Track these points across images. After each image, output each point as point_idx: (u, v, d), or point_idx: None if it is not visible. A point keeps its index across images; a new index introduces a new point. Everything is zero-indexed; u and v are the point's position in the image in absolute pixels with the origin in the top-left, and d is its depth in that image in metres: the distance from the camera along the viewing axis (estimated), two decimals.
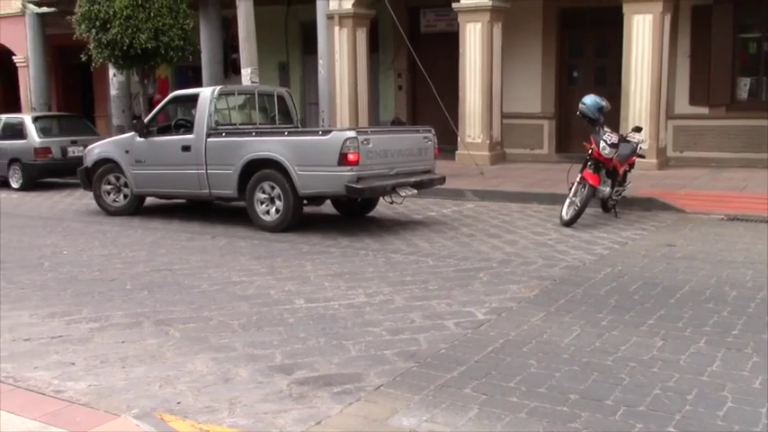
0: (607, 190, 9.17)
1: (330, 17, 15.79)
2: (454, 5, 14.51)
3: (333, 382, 4.15)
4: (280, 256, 7.68)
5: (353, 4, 15.66)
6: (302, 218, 9.30)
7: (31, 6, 19.53)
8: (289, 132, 9.45)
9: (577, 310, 5.46)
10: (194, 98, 10.06)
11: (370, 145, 8.64)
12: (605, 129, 9.09)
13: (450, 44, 15.27)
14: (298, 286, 6.37)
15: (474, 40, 14.34)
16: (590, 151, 9.03)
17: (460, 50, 14.51)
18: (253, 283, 6.54)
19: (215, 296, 6.10)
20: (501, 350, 4.61)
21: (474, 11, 14.28)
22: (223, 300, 5.98)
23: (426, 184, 9.57)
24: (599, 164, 8.97)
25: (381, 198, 9.75)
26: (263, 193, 9.18)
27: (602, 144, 8.83)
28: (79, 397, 3.86)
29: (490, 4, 14.14)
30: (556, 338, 4.81)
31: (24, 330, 5.26)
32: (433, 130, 9.80)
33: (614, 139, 8.94)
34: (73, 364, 4.55)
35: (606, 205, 9.58)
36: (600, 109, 9.18)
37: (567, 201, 9.04)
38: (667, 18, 12.94)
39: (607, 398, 3.85)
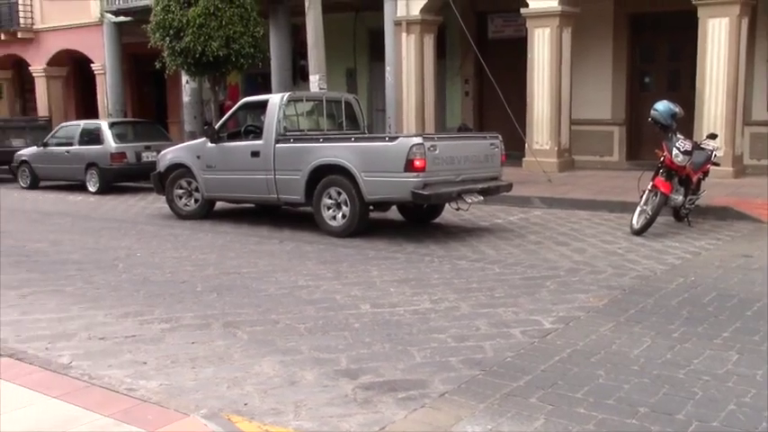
0: (680, 198, 8.94)
1: (398, 24, 15.86)
2: (522, 11, 14.39)
3: (397, 388, 4.15)
4: (346, 261, 7.73)
5: (421, 11, 15.68)
6: (368, 223, 9.34)
7: (109, 16, 20.20)
8: (356, 138, 9.52)
9: (648, 320, 5.33)
10: (264, 104, 10.22)
11: (437, 151, 8.62)
12: (678, 135, 8.85)
13: (517, 50, 15.13)
14: (363, 291, 6.40)
15: (542, 46, 14.18)
16: (662, 159, 8.82)
17: (528, 56, 14.37)
18: (319, 287, 6.60)
19: (282, 300, 6.18)
20: (568, 360, 4.54)
21: (543, 16, 14.13)
22: (290, 303, 6.05)
23: (493, 191, 9.50)
24: (671, 171, 8.75)
25: (447, 204, 9.71)
26: (330, 198, 9.26)
27: (674, 151, 8.62)
28: (150, 395, 3.94)
29: (559, 9, 13.97)
30: (625, 349, 4.71)
31: (99, 329, 5.43)
32: (500, 137, 9.73)
33: (688, 146, 8.71)
34: (145, 363, 4.68)
35: (679, 214, 9.33)
36: (673, 115, 8.96)
37: (638, 209, 8.84)
38: (744, 22, 12.55)
39: (679, 412, 3.74)
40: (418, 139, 8.61)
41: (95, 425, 3.54)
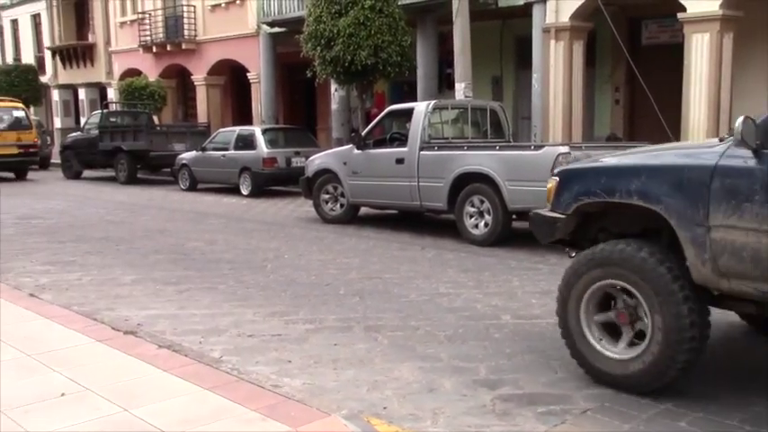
0: None
1: (546, 31, 15.57)
2: (679, 15, 13.73)
3: (538, 402, 4.07)
4: (487, 271, 7.67)
5: (571, 17, 15.32)
6: (511, 233, 9.23)
7: (265, 27, 21.12)
8: (500, 147, 9.44)
9: None
10: (409, 112, 10.35)
11: None
12: None
13: (673, 56, 14.47)
14: (504, 301, 6.33)
15: (701, 52, 13.47)
16: None
17: (685, 63, 13.70)
18: (460, 295, 6.59)
19: (422, 306, 6.21)
20: (720, 383, 4.28)
21: (702, 21, 13.42)
22: (430, 310, 6.07)
23: None
24: None
25: None
26: (473, 206, 9.23)
27: None
28: (294, 393, 4.07)
29: (720, 13, 13.22)
30: None
31: (248, 327, 5.67)
32: None
33: None
34: (289, 361, 4.84)
35: None
36: None
37: None
38: None
39: None
40: (565, 149, 8.44)
41: (243, 418, 3.71)
